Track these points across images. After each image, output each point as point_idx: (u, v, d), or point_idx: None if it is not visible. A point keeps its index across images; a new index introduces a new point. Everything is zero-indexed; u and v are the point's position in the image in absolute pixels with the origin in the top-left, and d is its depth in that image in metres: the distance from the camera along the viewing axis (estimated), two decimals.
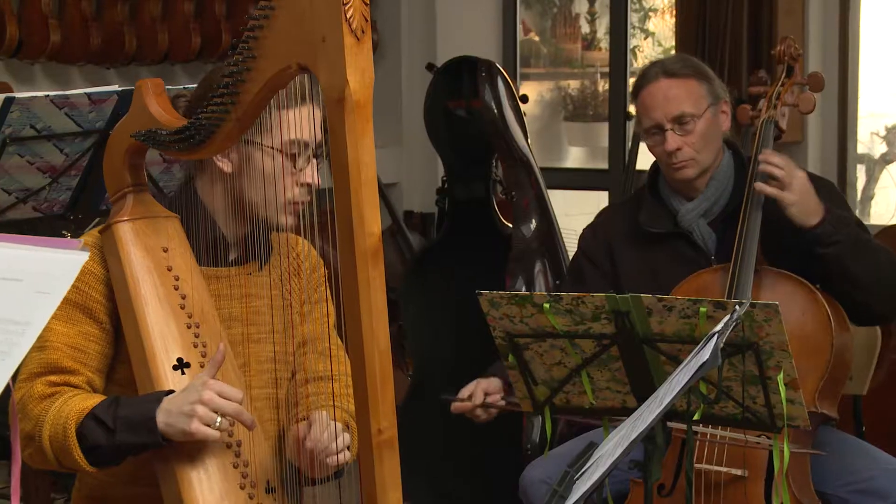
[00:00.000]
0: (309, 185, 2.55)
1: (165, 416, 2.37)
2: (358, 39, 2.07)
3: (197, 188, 2.62)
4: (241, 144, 2.50)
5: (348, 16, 2.06)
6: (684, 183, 3.30)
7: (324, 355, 2.72)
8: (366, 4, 2.08)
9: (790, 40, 3.38)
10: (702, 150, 3.26)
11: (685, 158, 3.25)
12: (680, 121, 3.24)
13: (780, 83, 3.35)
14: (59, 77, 5.47)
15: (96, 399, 2.46)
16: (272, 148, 2.51)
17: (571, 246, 4.62)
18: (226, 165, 2.54)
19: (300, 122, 2.50)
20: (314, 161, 2.56)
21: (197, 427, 2.35)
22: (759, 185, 3.12)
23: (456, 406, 3.22)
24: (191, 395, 2.37)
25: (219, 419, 2.36)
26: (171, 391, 2.42)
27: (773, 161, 3.12)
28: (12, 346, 1.84)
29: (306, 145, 2.53)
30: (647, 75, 3.31)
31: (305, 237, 2.72)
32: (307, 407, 2.65)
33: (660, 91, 3.26)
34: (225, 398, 2.37)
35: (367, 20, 2.08)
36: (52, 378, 2.48)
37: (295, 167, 2.54)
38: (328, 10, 2.07)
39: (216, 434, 2.37)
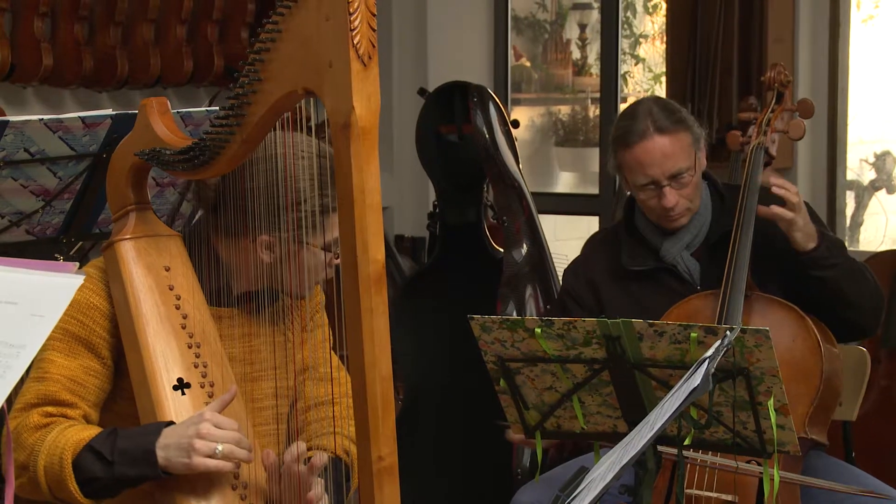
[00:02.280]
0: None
1: (164, 450, 2.37)
2: (365, 65, 2.08)
3: (214, 242, 2.61)
4: (288, 244, 2.52)
5: (355, 42, 2.06)
6: (676, 228, 3.32)
7: (323, 380, 2.73)
8: (373, 30, 2.08)
9: (780, 67, 3.40)
10: (695, 197, 3.29)
11: (682, 210, 3.27)
12: (676, 176, 3.25)
13: (769, 109, 3.37)
14: (51, 100, 5.47)
15: (93, 430, 2.45)
16: (320, 248, 2.55)
17: (562, 271, 4.63)
18: (267, 257, 2.55)
19: None
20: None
21: (199, 461, 2.35)
22: (777, 209, 3.13)
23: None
24: (188, 430, 2.38)
25: (219, 447, 2.36)
26: (171, 423, 2.43)
27: (787, 186, 3.15)
28: (7, 369, 1.84)
29: None
30: (635, 131, 3.27)
31: None
32: (309, 435, 2.67)
33: (656, 149, 3.24)
34: (222, 429, 2.38)
35: (374, 46, 2.08)
36: (49, 409, 2.47)
37: (336, 257, 2.56)
38: (335, 35, 2.08)
39: (220, 463, 2.37)
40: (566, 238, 6.42)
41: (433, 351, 4.95)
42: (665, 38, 5.59)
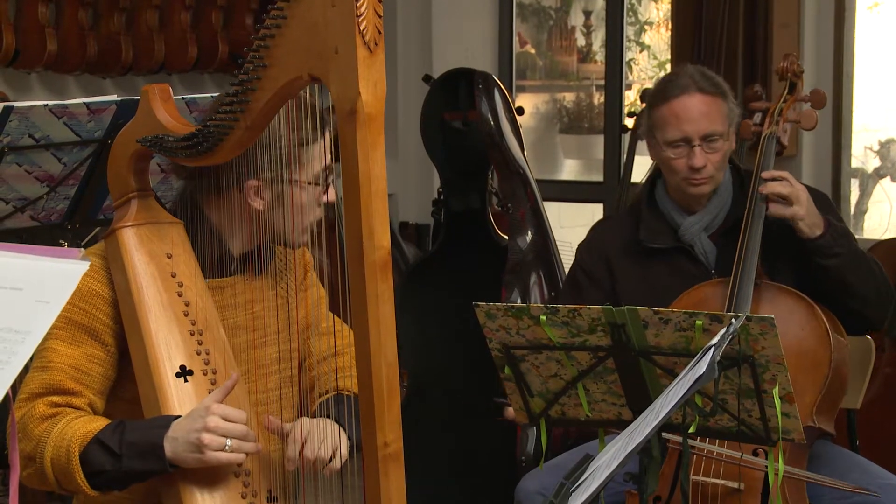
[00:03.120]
0: (327, 204, 2.59)
1: (173, 444, 2.37)
2: (371, 52, 2.08)
3: (204, 208, 2.61)
4: (276, 184, 2.51)
5: (362, 28, 2.06)
6: (697, 198, 3.30)
7: (326, 335, 2.75)
8: (379, 17, 2.08)
9: (793, 57, 3.39)
10: (721, 168, 3.29)
11: (707, 175, 3.26)
12: (709, 138, 3.24)
13: (782, 99, 3.37)
14: (55, 86, 5.48)
15: (100, 422, 2.45)
16: (308, 183, 2.54)
17: (566, 258, 4.63)
18: (259, 204, 2.55)
19: (323, 151, 2.53)
20: (331, 180, 2.59)
21: (210, 455, 2.36)
22: (775, 208, 3.13)
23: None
24: (195, 423, 2.37)
25: (228, 442, 2.36)
26: (178, 416, 2.43)
27: (777, 183, 3.14)
28: (12, 355, 1.84)
29: (328, 169, 2.56)
30: (677, 85, 3.28)
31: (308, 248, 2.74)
32: (322, 387, 2.70)
33: (695, 106, 3.24)
34: (230, 421, 2.38)
35: (380, 32, 2.08)
36: (54, 399, 2.47)
37: (325, 193, 2.58)
38: (342, 21, 2.08)
39: (232, 456, 2.38)
40: (570, 225, 6.41)
41: (437, 338, 4.95)
42: (670, 25, 5.59)
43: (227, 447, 2.36)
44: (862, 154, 5.72)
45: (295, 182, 2.53)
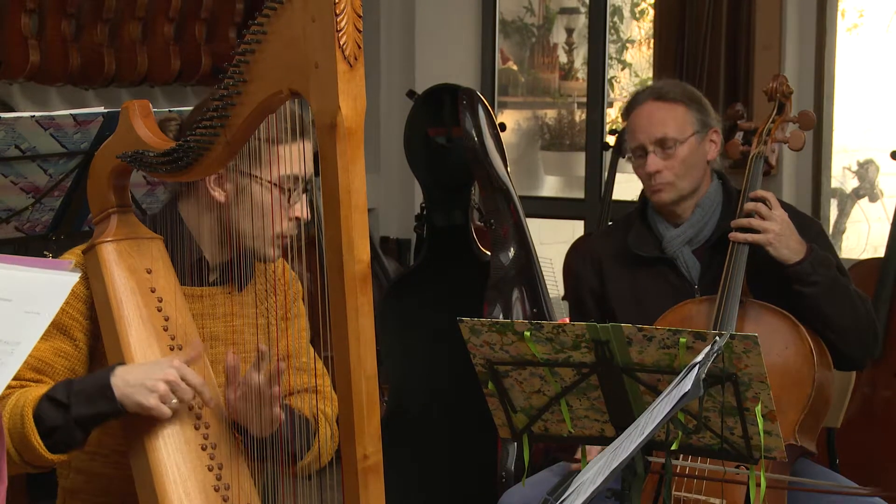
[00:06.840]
0: (298, 219, 2.58)
1: (123, 384, 2.37)
2: (351, 66, 2.09)
3: (181, 211, 2.63)
4: (237, 175, 2.52)
5: (342, 42, 2.07)
6: (663, 206, 3.33)
7: (301, 370, 2.74)
8: (359, 32, 2.10)
9: (783, 78, 3.42)
10: (682, 175, 3.30)
11: (664, 181, 3.29)
12: (662, 144, 3.28)
13: (770, 119, 3.39)
14: (37, 98, 5.47)
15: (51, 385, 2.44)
16: (269, 182, 2.53)
17: (547, 275, 4.64)
18: (219, 195, 2.56)
19: (295, 157, 2.52)
20: (304, 196, 2.58)
21: (155, 403, 2.35)
22: (733, 235, 3.16)
23: None
24: (155, 372, 2.37)
25: (175, 400, 2.37)
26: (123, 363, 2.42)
27: (759, 209, 3.17)
28: (1, 366, 1.84)
29: (298, 180, 2.56)
30: (637, 98, 3.36)
31: (287, 261, 2.74)
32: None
33: (648, 113, 3.31)
34: (188, 382, 2.39)
35: (359, 47, 2.10)
36: (11, 382, 2.46)
37: (289, 202, 2.56)
38: (322, 36, 2.09)
39: (169, 412, 2.37)
40: (551, 242, 6.43)
41: (419, 353, 4.95)
42: (652, 44, 5.62)
43: (172, 402, 2.36)
44: (840, 174, 5.76)
45: (255, 178, 2.53)
